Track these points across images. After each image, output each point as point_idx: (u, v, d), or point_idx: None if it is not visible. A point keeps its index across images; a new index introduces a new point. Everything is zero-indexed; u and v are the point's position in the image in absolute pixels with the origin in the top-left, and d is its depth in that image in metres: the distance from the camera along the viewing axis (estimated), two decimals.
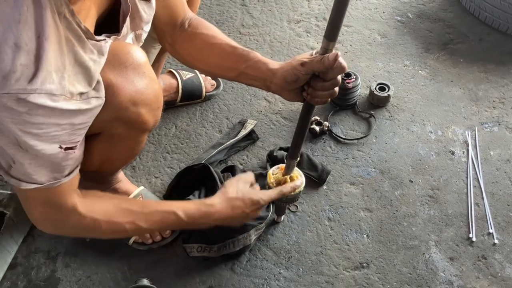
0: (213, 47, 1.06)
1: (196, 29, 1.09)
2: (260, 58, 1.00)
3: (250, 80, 1.03)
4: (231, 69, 1.04)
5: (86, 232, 0.98)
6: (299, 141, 1.04)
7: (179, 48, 1.12)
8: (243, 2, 2.05)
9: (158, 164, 1.45)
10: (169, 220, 1.00)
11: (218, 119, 1.58)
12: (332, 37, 0.81)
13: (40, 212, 0.88)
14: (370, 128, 1.55)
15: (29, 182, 0.79)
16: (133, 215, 0.97)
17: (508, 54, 1.82)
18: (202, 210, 1.03)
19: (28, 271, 1.22)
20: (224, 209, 1.04)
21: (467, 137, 1.53)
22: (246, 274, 1.21)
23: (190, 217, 1.01)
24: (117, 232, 0.97)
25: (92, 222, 0.92)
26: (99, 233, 0.96)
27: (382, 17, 1.99)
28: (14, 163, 0.75)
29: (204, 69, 1.16)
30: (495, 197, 1.38)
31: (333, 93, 0.92)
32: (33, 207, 0.88)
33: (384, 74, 1.74)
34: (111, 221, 0.94)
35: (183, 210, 1.01)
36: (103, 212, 0.94)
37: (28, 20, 0.63)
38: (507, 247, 1.27)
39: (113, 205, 0.96)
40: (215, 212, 1.03)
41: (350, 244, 1.28)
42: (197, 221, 1.03)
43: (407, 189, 1.39)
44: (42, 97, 0.67)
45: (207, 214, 1.03)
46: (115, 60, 0.84)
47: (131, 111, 0.90)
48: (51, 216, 0.89)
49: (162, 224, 1.02)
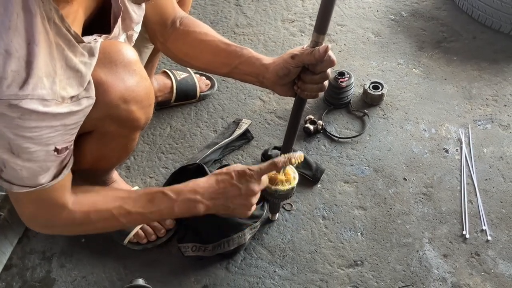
0: (206, 44, 1.07)
1: (188, 27, 1.11)
2: (253, 54, 1.02)
3: (244, 76, 1.04)
4: (224, 65, 1.05)
5: (78, 226, 0.95)
6: (292, 136, 1.04)
7: (171, 47, 1.13)
8: (237, 2, 2.05)
9: (152, 164, 1.45)
10: (157, 200, 0.98)
11: (213, 118, 1.58)
12: (322, 30, 0.82)
13: (30, 211, 0.88)
14: (364, 126, 1.56)
15: (20, 185, 0.79)
16: (120, 200, 0.96)
17: (501, 52, 1.83)
18: (188, 185, 1.00)
19: (23, 272, 1.22)
20: (209, 183, 1.01)
21: (461, 134, 1.54)
22: (241, 273, 1.22)
23: (177, 193, 0.98)
24: (107, 220, 0.95)
25: (81, 215, 0.91)
26: (90, 225, 0.95)
27: (376, 15, 2.00)
28: (5, 167, 0.75)
29: (197, 66, 1.16)
30: (488, 194, 1.38)
31: (322, 87, 0.93)
32: (24, 206, 0.88)
33: (378, 73, 1.75)
34: (99, 209, 0.93)
35: (169, 189, 0.99)
36: (91, 203, 0.93)
37: (18, 27, 0.64)
38: (500, 244, 1.28)
39: (100, 195, 0.96)
40: (202, 187, 1.00)
41: (344, 242, 1.28)
42: (186, 197, 0.99)
43: (401, 187, 1.40)
44: (34, 103, 0.67)
45: (194, 188, 0.99)
46: (105, 58, 0.85)
47: (122, 108, 0.90)
48: (42, 214, 0.89)
49: (151, 205, 0.98)
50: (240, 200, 1.02)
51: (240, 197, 1.02)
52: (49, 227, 0.94)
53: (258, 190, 1.04)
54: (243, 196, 1.02)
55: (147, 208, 0.98)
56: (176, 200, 0.98)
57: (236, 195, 1.01)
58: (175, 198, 0.98)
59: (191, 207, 1.00)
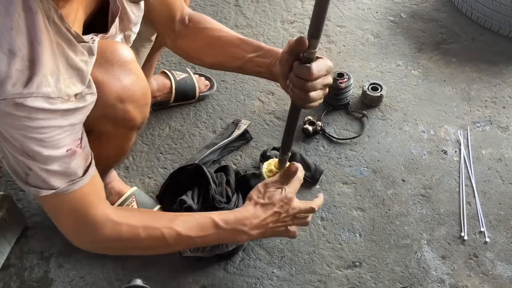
0: (221, 39, 1.08)
1: (199, 24, 1.11)
2: (271, 47, 1.03)
3: (256, 68, 1.04)
4: (238, 59, 1.05)
5: (126, 242, 0.91)
6: (290, 136, 1.04)
7: (182, 44, 1.13)
8: (237, 2, 2.05)
9: (151, 164, 1.45)
10: (207, 226, 0.96)
11: (212, 119, 1.58)
12: (315, 34, 0.81)
13: (70, 224, 0.86)
14: (363, 127, 1.56)
15: (47, 188, 0.77)
16: (169, 221, 0.93)
17: (500, 54, 1.83)
18: (237, 216, 0.99)
19: (21, 272, 1.22)
20: (257, 211, 1.00)
21: (459, 136, 1.54)
22: (239, 274, 1.22)
23: (227, 222, 0.97)
24: (155, 238, 0.92)
25: (129, 229, 0.89)
26: (139, 242, 0.91)
27: (375, 17, 2.00)
28: (30, 170, 0.74)
29: (209, 63, 1.14)
30: (486, 196, 1.39)
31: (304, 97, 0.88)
32: (63, 220, 0.86)
33: (377, 74, 1.75)
34: (148, 226, 0.91)
35: (219, 215, 0.98)
36: (139, 219, 0.91)
37: (20, 27, 0.64)
38: (498, 246, 1.28)
39: (147, 213, 0.95)
40: (250, 215, 0.99)
41: (342, 243, 1.28)
42: (234, 227, 0.98)
43: (400, 188, 1.40)
44: (39, 101, 0.67)
45: (242, 220, 0.98)
46: (101, 58, 0.85)
47: (118, 108, 0.90)
48: (82, 226, 0.86)
49: (200, 230, 0.96)
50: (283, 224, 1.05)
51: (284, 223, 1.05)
52: (93, 241, 0.90)
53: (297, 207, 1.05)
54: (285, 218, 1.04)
55: (195, 232, 0.96)
56: (224, 229, 0.97)
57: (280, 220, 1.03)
58: (224, 227, 0.97)
59: (236, 237, 1.00)
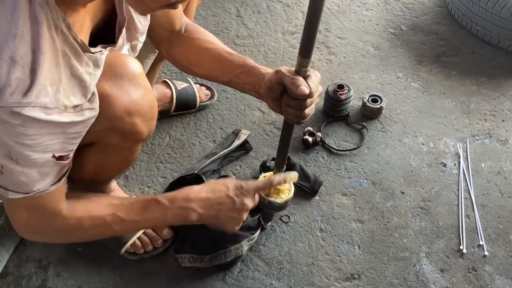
0: (209, 52, 1.09)
1: (192, 34, 1.12)
2: (254, 64, 1.03)
3: (242, 85, 1.05)
4: (225, 73, 1.06)
5: (70, 233, 0.94)
6: (284, 152, 1.05)
7: (174, 53, 1.14)
8: (238, 13, 2.07)
9: (151, 173, 1.45)
10: (151, 208, 0.97)
11: (212, 129, 1.59)
12: (306, 54, 0.83)
13: (23, 218, 0.87)
14: (362, 139, 1.56)
15: (16, 191, 0.78)
16: (113, 207, 0.95)
17: (499, 68, 1.84)
18: (182, 192, 0.99)
19: (19, 280, 1.21)
20: (205, 191, 1.00)
21: (459, 149, 1.54)
22: (238, 285, 1.22)
23: (170, 200, 0.98)
24: (100, 226, 0.94)
25: (74, 221, 0.91)
26: (83, 231, 0.93)
27: (375, 29, 2.01)
28: (2, 173, 0.74)
29: (198, 73, 1.16)
30: (485, 209, 1.39)
31: (300, 114, 0.91)
32: (17, 213, 0.87)
33: (377, 86, 1.76)
34: (92, 216, 0.92)
35: (163, 196, 0.99)
36: (84, 209, 0.92)
37: (25, 35, 0.64)
38: (497, 259, 1.28)
39: (94, 202, 0.95)
40: (196, 194, 0.99)
41: (341, 255, 1.28)
42: (179, 204, 0.98)
43: (399, 201, 1.40)
44: (36, 110, 0.67)
45: (188, 196, 0.99)
46: (111, 71, 0.85)
47: (126, 121, 0.90)
48: (35, 221, 0.88)
49: (144, 213, 0.97)
50: (232, 213, 1.02)
51: (233, 211, 1.02)
52: (40, 233, 0.93)
53: (251, 206, 1.05)
54: (236, 210, 1.02)
55: (140, 215, 0.97)
56: (169, 208, 0.98)
57: (229, 208, 1.01)
58: (169, 205, 0.98)
59: (184, 215, 0.99)
